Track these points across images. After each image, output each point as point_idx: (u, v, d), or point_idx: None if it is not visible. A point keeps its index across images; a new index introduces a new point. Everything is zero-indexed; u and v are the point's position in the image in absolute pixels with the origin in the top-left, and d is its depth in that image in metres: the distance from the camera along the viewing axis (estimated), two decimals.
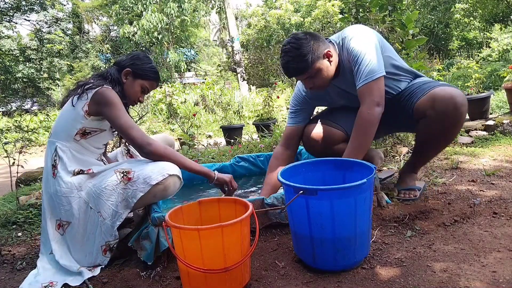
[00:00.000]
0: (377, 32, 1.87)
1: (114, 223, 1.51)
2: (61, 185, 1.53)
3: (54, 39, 17.91)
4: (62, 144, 1.58)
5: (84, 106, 1.56)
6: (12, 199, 2.76)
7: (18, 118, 5.61)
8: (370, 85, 1.68)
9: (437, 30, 13.16)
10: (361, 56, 1.69)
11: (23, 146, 2.73)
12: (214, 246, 1.17)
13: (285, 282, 1.29)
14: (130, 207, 1.52)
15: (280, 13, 17.89)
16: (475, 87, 4.01)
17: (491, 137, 3.22)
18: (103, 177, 1.54)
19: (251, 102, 9.16)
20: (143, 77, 1.72)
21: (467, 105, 1.69)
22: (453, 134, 1.80)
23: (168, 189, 1.54)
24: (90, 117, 1.57)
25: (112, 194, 1.50)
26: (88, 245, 1.54)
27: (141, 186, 1.48)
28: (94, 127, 1.61)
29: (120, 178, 1.51)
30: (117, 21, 15.83)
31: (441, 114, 1.67)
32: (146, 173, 1.50)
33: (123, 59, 1.74)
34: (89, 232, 1.54)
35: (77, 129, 1.57)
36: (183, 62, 14.91)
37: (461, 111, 1.67)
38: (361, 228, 1.29)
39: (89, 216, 1.53)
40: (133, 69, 1.70)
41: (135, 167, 1.53)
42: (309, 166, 1.60)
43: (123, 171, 1.52)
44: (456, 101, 1.65)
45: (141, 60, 1.72)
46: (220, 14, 18.27)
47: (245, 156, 2.59)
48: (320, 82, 1.78)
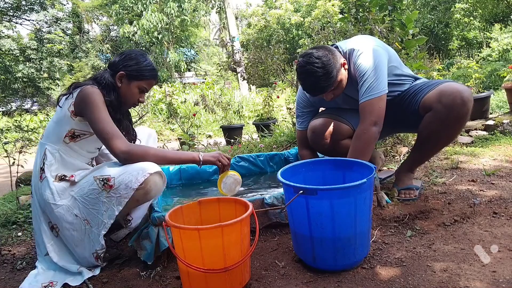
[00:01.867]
0: (384, 44, 1.89)
1: (100, 232, 1.46)
2: (46, 190, 1.48)
3: (54, 39, 17.89)
4: (52, 146, 1.53)
5: (70, 106, 1.51)
6: (12, 199, 2.76)
7: (18, 118, 5.61)
8: (371, 102, 1.72)
9: (437, 30, 13.16)
10: (367, 74, 1.73)
11: (23, 146, 2.73)
12: (214, 246, 1.17)
13: (285, 282, 1.29)
14: (114, 215, 1.44)
15: (280, 13, 17.90)
16: (475, 87, 4.01)
17: (491, 137, 3.22)
18: (84, 184, 1.48)
19: (251, 102, 9.16)
20: (139, 77, 1.61)
21: (472, 102, 1.70)
22: (456, 130, 1.80)
23: (150, 192, 1.46)
24: (76, 117, 1.51)
25: (96, 202, 1.44)
26: (81, 249, 1.50)
27: (124, 192, 1.41)
28: (83, 130, 1.55)
29: (101, 187, 1.43)
30: (117, 21, 15.83)
31: (448, 107, 1.69)
32: (126, 177, 1.41)
33: (116, 61, 1.63)
34: (77, 239, 1.49)
35: (66, 130, 1.52)
36: (183, 62, 14.92)
37: (467, 106, 1.69)
38: (361, 228, 1.29)
39: (75, 224, 1.47)
40: (126, 71, 1.59)
41: (114, 172, 1.45)
42: (309, 165, 1.60)
43: (103, 178, 1.44)
44: (463, 96, 1.67)
45: (134, 60, 1.61)
46: (220, 14, 18.28)
47: (245, 156, 2.59)
48: (339, 92, 1.84)
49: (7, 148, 2.74)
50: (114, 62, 1.64)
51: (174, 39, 15.34)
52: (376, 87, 1.71)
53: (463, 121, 1.74)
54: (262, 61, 4.53)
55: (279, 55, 4.52)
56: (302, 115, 2.10)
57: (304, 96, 2.05)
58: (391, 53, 1.88)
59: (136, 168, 1.43)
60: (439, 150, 2.00)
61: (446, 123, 1.73)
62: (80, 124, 1.53)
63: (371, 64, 1.74)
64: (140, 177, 1.40)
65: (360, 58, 1.77)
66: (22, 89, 19.00)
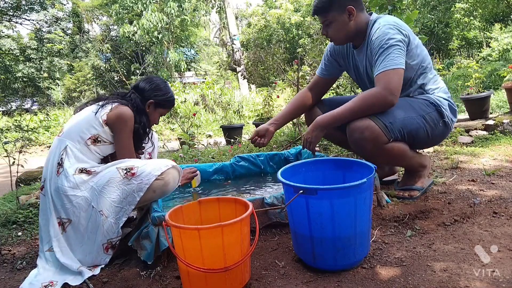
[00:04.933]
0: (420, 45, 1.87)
1: (119, 219, 1.54)
2: (63, 183, 1.55)
3: (54, 39, 17.88)
4: (73, 144, 1.62)
5: (103, 115, 1.65)
6: (12, 198, 2.76)
7: (18, 117, 5.62)
8: (389, 72, 1.68)
9: (437, 29, 13.14)
10: (388, 45, 1.69)
11: (23, 145, 2.73)
12: (214, 245, 1.17)
13: (285, 282, 1.29)
14: (135, 202, 1.55)
15: (280, 12, 17.88)
16: (475, 87, 4.02)
17: (491, 136, 3.22)
18: (106, 174, 1.57)
19: (251, 101, 9.17)
20: (164, 107, 1.87)
21: (370, 138, 1.69)
22: (378, 157, 1.79)
23: (168, 184, 1.60)
24: (106, 127, 1.65)
25: (114, 191, 1.53)
26: (88, 244, 1.54)
27: (145, 178, 1.54)
28: (106, 138, 1.67)
29: (123, 175, 1.55)
30: (117, 21, 15.82)
31: (350, 144, 1.80)
32: (148, 167, 1.56)
33: (146, 89, 1.82)
34: (90, 232, 1.54)
35: (91, 134, 1.64)
36: (183, 61, 14.89)
37: (361, 145, 1.73)
38: (361, 228, 1.29)
39: (91, 215, 1.54)
40: (155, 100, 1.82)
41: (138, 163, 1.59)
42: (309, 165, 1.60)
43: (126, 167, 1.56)
44: (354, 137, 1.74)
45: (162, 91, 1.84)
46: (220, 13, 18.26)
47: (245, 155, 2.59)
48: (332, 33, 1.86)
49: (7, 148, 2.74)
50: (144, 88, 1.83)
51: (174, 39, 15.33)
52: (394, 59, 1.68)
53: (373, 153, 1.74)
54: (263, 60, 4.53)
55: (280, 54, 4.52)
56: (324, 64, 2.12)
57: (332, 47, 2.07)
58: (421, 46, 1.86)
59: (158, 162, 1.62)
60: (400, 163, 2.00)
61: (364, 156, 1.82)
62: (106, 133, 1.67)
63: (390, 38, 1.71)
64: (163, 167, 1.58)
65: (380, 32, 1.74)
66: (22, 88, 19.01)
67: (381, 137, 1.70)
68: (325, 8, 1.79)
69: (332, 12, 1.79)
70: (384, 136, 1.71)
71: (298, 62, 3.99)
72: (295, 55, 6.02)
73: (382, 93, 1.66)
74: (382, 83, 1.67)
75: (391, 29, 1.73)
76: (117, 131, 1.67)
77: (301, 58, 4.55)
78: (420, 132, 1.80)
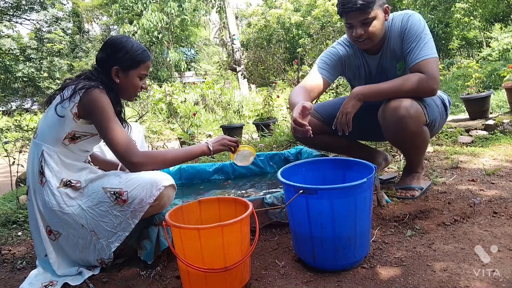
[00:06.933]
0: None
1: (112, 243, 1.43)
2: (49, 196, 1.41)
3: (54, 39, 17.90)
4: (49, 148, 1.44)
5: (73, 108, 1.42)
6: (12, 198, 2.76)
7: (18, 117, 5.62)
8: (432, 61, 1.68)
9: (437, 29, 13.14)
10: (422, 33, 1.71)
11: (23, 145, 2.74)
12: (214, 245, 1.17)
13: (285, 282, 1.29)
14: (130, 228, 1.43)
15: (280, 12, 17.89)
16: (475, 87, 4.01)
17: (491, 136, 3.21)
18: (93, 195, 1.42)
19: (251, 101, 9.16)
20: (134, 65, 1.53)
21: (412, 116, 1.67)
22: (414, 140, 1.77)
23: (164, 206, 1.48)
24: (79, 120, 1.44)
25: (106, 215, 1.41)
26: (83, 255, 1.48)
27: (139, 207, 1.39)
28: (84, 131, 1.48)
29: (113, 200, 1.40)
30: (117, 21, 15.83)
31: (390, 124, 1.74)
32: (139, 192, 1.38)
33: (102, 57, 1.53)
34: (82, 246, 1.46)
35: (66, 133, 1.44)
36: (183, 61, 14.90)
37: (404, 122, 1.68)
38: (361, 228, 1.29)
39: (81, 233, 1.44)
40: (119, 65, 1.51)
41: (125, 186, 1.40)
42: (309, 165, 1.60)
43: (114, 191, 1.40)
44: (398, 114, 1.67)
45: (122, 49, 1.51)
46: (220, 13, 18.27)
47: None
48: (372, 32, 1.73)
49: (7, 148, 2.74)
50: (101, 58, 1.54)
51: (174, 39, 15.34)
52: (432, 48, 1.68)
53: (413, 133, 1.73)
54: (263, 60, 4.53)
55: (280, 54, 4.53)
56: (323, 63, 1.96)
57: (337, 52, 1.96)
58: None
59: (149, 181, 1.39)
60: (418, 153, 1.93)
61: (397, 137, 1.78)
62: (82, 126, 1.47)
63: (424, 26, 1.73)
64: (155, 191, 1.39)
65: (415, 19, 1.74)
66: (22, 88, 19.02)
67: (423, 117, 1.73)
68: (370, 4, 1.68)
69: (375, 9, 1.70)
70: (425, 117, 1.74)
71: (298, 62, 3.99)
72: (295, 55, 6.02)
73: (429, 82, 1.67)
74: (429, 71, 1.67)
75: (421, 19, 1.75)
76: (98, 120, 1.42)
77: (301, 58, 4.55)
78: (436, 122, 1.86)
